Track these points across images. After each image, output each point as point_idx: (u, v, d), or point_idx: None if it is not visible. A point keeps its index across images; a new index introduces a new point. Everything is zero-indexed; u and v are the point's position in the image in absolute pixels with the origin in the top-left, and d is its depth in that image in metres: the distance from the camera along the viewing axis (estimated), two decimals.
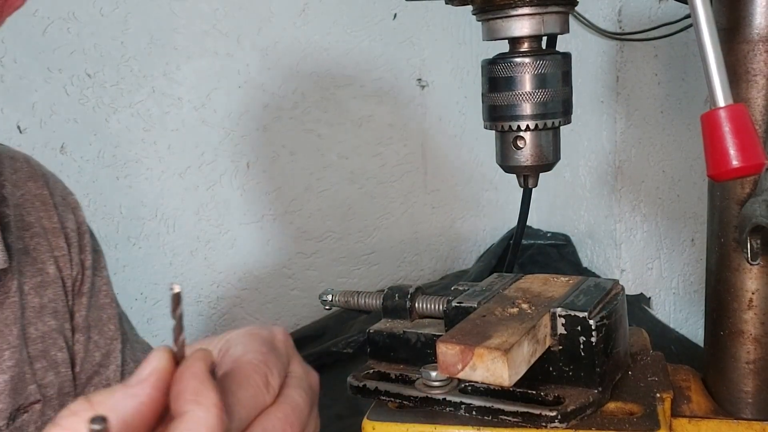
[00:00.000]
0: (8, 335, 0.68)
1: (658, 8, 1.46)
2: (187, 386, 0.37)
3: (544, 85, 0.72)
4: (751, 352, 0.77)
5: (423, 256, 1.85)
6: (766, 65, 0.72)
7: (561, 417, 0.67)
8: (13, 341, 0.68)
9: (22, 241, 0.73)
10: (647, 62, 1.50)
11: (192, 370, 0.38)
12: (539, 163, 0.75)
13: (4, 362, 0.67)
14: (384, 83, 1.72)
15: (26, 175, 0.76)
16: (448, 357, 0.63)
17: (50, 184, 0.79)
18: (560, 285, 0.79)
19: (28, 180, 0.76)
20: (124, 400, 0.37)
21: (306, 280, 1.67)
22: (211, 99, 1.49)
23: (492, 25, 0.73)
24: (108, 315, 0.81)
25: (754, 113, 0.73)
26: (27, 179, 0.76)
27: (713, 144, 0.59)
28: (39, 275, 0.74)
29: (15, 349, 0.68)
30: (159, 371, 0.38)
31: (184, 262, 1.51)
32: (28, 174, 0.77)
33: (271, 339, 0.46)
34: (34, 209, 0.75)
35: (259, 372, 0.41)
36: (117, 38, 1.37)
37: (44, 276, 0.74)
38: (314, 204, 1.66)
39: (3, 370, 0.67)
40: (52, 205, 0.77)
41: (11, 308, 0.69)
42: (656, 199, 1.57)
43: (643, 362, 0.80)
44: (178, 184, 1.48)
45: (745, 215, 0.73)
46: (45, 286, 0.74)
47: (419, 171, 1.81)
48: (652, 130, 1.53)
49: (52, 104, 1.33)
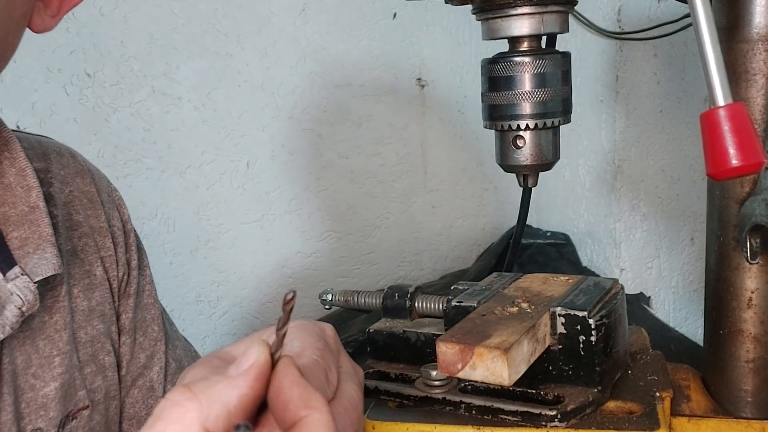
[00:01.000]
0: (58, 341, 0.66)
1: (658, 7, 1.46)
2: (293, 394, 0.39)
3: (543, 85, 0.72)
4: (751, 351, 0.78)
5: (423, 256, 1.85)
6: (766, 64, 0.72)
7: (561, 416, 0.67)
8: (63, 347, 0.66)
9: (71, 242, 0.71)
10: (647, 61, 1.50)
11: (290, 378, 0.39)
12: (539, 162, 0.75)
13: (54, 369, 0.65)
14: (383, 83, 1.72)
15: (73, 171, 0.74)
16: (447, 356, 0.63)
17: (96, 180, 0.76)
18: (560, 284, 0.80)
19: (75, 176, 0.74)
20: (227, 389, 0.38)
21: (306, 280, 1.67)
22: (211, 98, 1.49)
23: (492, 25, 0.73)
24: (152, 315, 0.79)
25: (753, 112, 0.73)
26: (75, 175, 0.74)
27: (712, 143, 0.59)
28: (87, 277, 0.71)
29: (65, 355, 0.66)
30: (259, 364, 0.39)
31: (184, 261, 1.51)
32: (75, 170, 0.74)
33: (322, 334, 0.46)
34: (82, 207, 0.73)
35: (320, 368, 0.42)
36: (117, 38, 1.38)
37: (92, 278, 0.72)
38: (314, 203, 1.66)
39: (54, 377, 0.65)
40: (99, 203, 0.74)
41: (61, 313, 0.67)
42: (656, 198, 1.57)
43: (642, 361, 0.80)
44: (178, 183, 1.48)
45: (744, 214, 0.73)
46: (93, 288, 0.72)
47: (419, 170, 1.81)
48: (652, 129, 1.53)
49: (51, 104, 1.33)
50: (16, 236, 0.62)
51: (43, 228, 0.63)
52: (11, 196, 0.63)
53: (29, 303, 0.59)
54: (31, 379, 0.63)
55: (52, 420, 0.64)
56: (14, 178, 0.64)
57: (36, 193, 0.64)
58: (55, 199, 0.70)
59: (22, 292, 0.59)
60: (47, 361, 0.65)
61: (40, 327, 0.65)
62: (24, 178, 0.64)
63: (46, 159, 0.71)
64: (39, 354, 0.64)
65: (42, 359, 0.64)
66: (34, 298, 0.60)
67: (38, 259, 0.62)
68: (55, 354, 0.65)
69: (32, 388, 0.63)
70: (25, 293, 0.59)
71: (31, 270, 0.61)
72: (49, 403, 0.64)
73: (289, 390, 0.39)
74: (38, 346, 0.64)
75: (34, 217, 0.63)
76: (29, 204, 0.63)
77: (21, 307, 0.59)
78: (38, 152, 0.71)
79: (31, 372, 0.63)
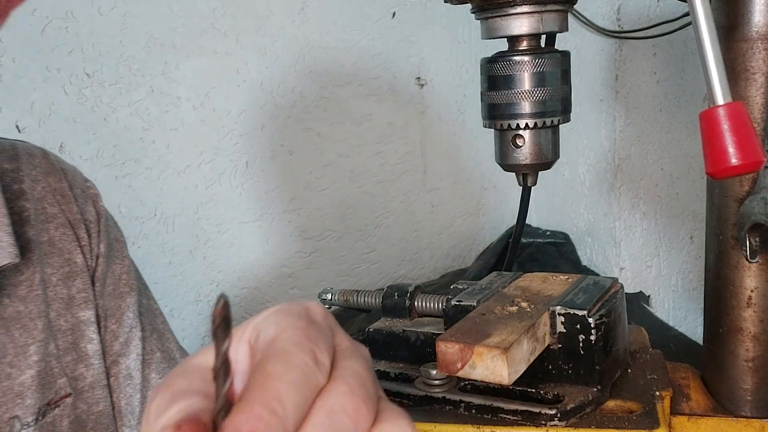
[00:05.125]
0: (33, 329, 0.67)
1: (657, 6, 1.46)
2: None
3: (543, 84, 0.72)
4: (750, 350, 0.78)
5: (422, 255, 1.85)
6: (765, 63, 0.72)
7: (560, 415, 0.67)
8: (38, 335, 0.68)
9: (47, 233, 0.73)
10: (646, 60, 1.50)
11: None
12: (538, 161, 0.75)
13: (30, 357, 0.67)
14: (383, 82, 1.72)
15: (45, 170, 0.76)
16: (447, 355, 0.63)
17: (68, 176, 0.78)
18: (559, 283, 0.80)
19: (47, 175, 0.76)
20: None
21: (305, 279, 1.67)
22: (210, 98, 1.49)
23: (491, 24, 0.73)
24: (126, 304, 0.79)
25: (752, 111, 0.73)
26: (46, 174, 0.76)
27: (712, 142, 0.59)
28: (67, 265, 0.73)
29: (41, 343, 0.68)
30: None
31: (183, 261, 1.51)
32: (46, 169, 0.77)
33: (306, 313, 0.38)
34: (56, 201, 0.75)
35: (304, 349, 0.34)
36: (116, 37, 1.37)
37: (72, 266, 0.74)
38: (314, 203, 1.66)
39: (29, 365, 0.66)
40: (71, 197, 0.77)
41: (35, 302, 0.68)
42: (655, 197, 1.57)
43: (642, 360, 0.80)
44: (177, 183, 1.48)
45: (743, 213, 0.73)
46: (73, 276, 0.74)
47: (419, 170, 1.81)
48: (651, 128, 1.53)
49: (50, 103, 1.32)
50: None
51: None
52: None
53: None
54: (7, 368, 0.65)
55: (30, 408, 0.66)
56: None
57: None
58: (26, 194, 0.72)
59: None
60: (22, 350, 0.66)
61: (14, 317, 0.66)
62: None
63: (17, 160, 0.74)
64: (15, 343, 0.66)
65: (17, 348, 0.66)
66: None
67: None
68: (30, 342, 0.67)
69: (8, 376, 0.65)
70: None
71: None
72: (26, 391, 0.66)
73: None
74: (13, 336, 0.66)
75: None
76: None
77: None
78: (10, 154, 0.75)
79: (6, 361, 0.65)
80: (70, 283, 0.73)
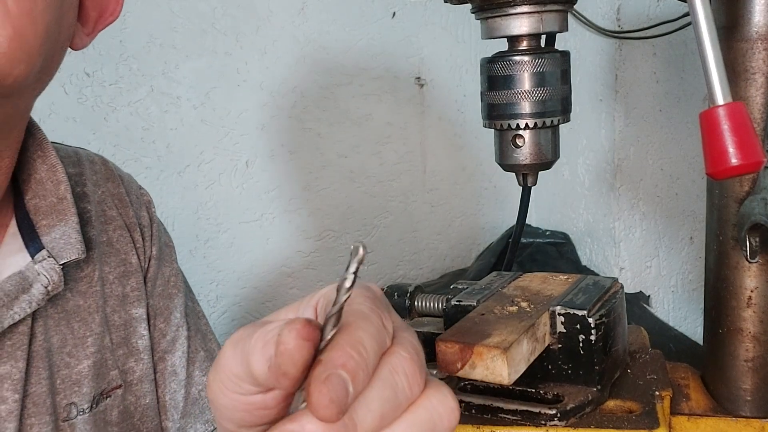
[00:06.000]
0: (91, 323, 0.73)
1: (657, 6, 1.46)
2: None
3: (543, 84, 0.72)
4: (750, 350, 0.78)
5: (422, 255, 1.85)
6: (765, 63, 0.72)
7: (560, 415, 0.67)
8: (95, 328, 0.73)
9: (106, 234, 0.78)
10: (646, 60, 1.50)
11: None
12: (538, 161, 0.75)
13: (87, 348, 0.72)
14: (383, 82, 1.72)
15: (104, 176, 0.82)
16: (447, 355, 0.63)
17: (125, 183, 0.85)
18: (559, 283, 0.80)
19: (107, 181, 0.82)
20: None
21: (305, 279, 1.67)
22: (210, 98, 1.49)
23: (491, 24, 0.73)
24: (174, 304, 0.85)
25: (752, 111, 0.73)
26: (106, 180, 0.82)
27: (712, 142, 0.59)
28: (122, 265, 0.79)
29: (98, 336, 0.73)
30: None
31: (183, 260, 1.50)
32: (106, 175, 0.83)
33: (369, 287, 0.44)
34: (114, 205, 0.81)
35: (375, 313, 0.40)
36: (116, 37, 1.37)
37: (127, 266, 0.79)
38: (313, 203, 1.66)
39: (87, 356, 0.72)
40: (128, 203, 0.83)
41: (93, 297, 0.74)
42: (655, 197, 1.57)
43: (642, 360, 0.80)
44: (177, 182, 1.48)
45: (743, 213, 0.73)
46: (128, 275, 0.79)
47: (418, 170, 1.81)
48: (651, 128, 1.53)
49: (50, 103, 1.32)
50: (44, 224, 0.69)
51: (69, 217, 0.70)
52: (42, 190, 0.70)
53: (54, 283, 0.66)
54: (66, 358, 0.70)
55: (86, 396, 0.71)
56: (45, 174, 0.71)
57: (64, 187, 0.71)
58: (89, 196, 0.78)
59: (48, 272, 0.66)
60: (81, 341, 0.72)
61: (75, 310, 0.72)
62: (54, 174, 0.71)
63: (80, 165, 0.80)
64: (74, 335, 0.71)
65: (77, 339, 0.71)
66: (59, 279, 0.67)
67: (64, 244, 0.69)
68: (88, 335, 0.72)
69: (67, 365, 0.70)
70: (50, 274, 0.66)
71: (57, 254, 0.68)
72: (83, 379, 0.71)
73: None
74: (73, 328, 0.71)
75: (61, 207, 0.70)
76: (57, 196, 0.71)
77: (47, 286, 0.66)
78: (73, 160, 0.81)
79: (66, 351, 0.70)
80: (125, 281, 0.79)
